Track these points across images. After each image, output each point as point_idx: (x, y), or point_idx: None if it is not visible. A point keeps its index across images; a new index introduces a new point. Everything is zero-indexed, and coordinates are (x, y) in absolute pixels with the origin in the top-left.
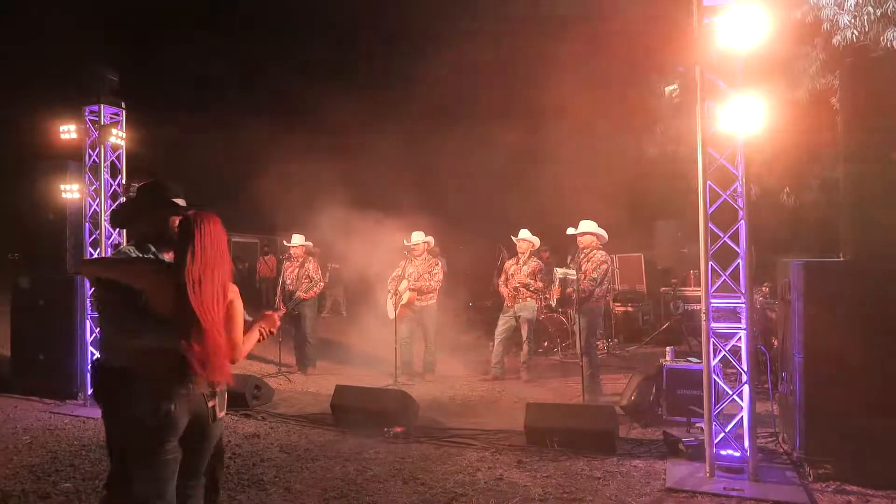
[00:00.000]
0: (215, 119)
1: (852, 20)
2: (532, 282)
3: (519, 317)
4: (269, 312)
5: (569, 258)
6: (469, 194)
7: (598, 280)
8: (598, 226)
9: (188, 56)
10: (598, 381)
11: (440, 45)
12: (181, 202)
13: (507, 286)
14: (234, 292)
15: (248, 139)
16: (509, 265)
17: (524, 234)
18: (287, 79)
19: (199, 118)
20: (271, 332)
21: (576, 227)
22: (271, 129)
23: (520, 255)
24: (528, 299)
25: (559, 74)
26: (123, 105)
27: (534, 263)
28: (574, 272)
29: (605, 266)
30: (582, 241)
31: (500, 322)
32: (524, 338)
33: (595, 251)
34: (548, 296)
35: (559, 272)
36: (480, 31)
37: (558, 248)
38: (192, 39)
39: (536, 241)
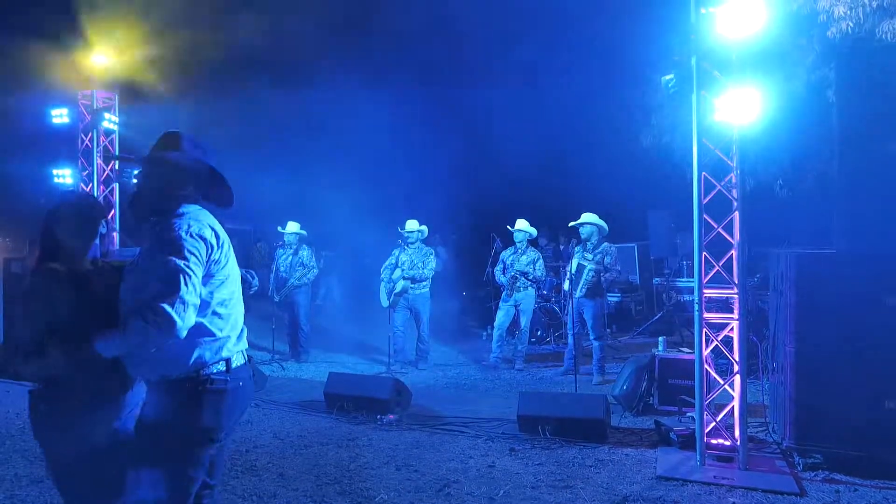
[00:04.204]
0: (210, 102)
1: (848, 11)
2: (531, 270)
3: (518, 305)
4: None
5: (572, 245)
6: (463, 184)
7: (620, 271)
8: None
9: (183, 40)
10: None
11: (452, 41)
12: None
13: (504, 275)
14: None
15: (244, 121)
16: (507, 254)
17: (521, 223)
18: (285, 60)
19: (193, 102)
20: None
21: (586, 221)
22: (269, 112)
23: (517, 244)
24: (528, 288)
25: (551, 62)
26: (117, 89)
27: (532, 253)
28: (595, 265)
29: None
30: (583, 231)
31: (500, 311)
32: (522, 326)
33: (606, 244)
34: (564, 283)
35: (589, 267)
36: (476, 20)
37: (552, 237)
38: (186, 24)
39: (533, 231)
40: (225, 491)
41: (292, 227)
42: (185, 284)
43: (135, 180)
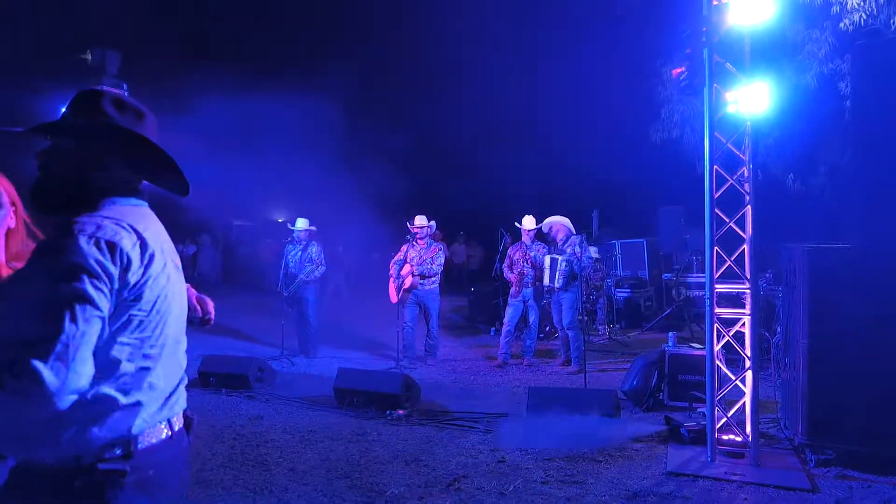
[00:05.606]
0: (221, 97)
1: (861, 3)
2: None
3: (527, 301)
4: None
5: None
6: (471, 181)
7: (590, 256)
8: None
9: (192, 34)
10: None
11: (450, 37)
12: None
13: (512, 271)
14: None
15: (255, 117)
16: (514, 250)
17: (529, 220)
18: (297, 54)
19: (203, 98)
20: None
21: (552, 222)
22: (277, 107)
23: (525, 240)
24: (537, 283)
25: (563, 58)
26: (126, 86)
27: (539, 247)
28: (570, 257)
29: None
30: (554, 232)
31: (510, 307)
32: (530, 322)
33: (575, 236)
34: (542, 280)
35: (561, 259)
36: (481, 17)
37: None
38: (193, 18)
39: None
40: (236, 486)
41: (301, 223)
42: (75, 322)
43: (36, 160)
